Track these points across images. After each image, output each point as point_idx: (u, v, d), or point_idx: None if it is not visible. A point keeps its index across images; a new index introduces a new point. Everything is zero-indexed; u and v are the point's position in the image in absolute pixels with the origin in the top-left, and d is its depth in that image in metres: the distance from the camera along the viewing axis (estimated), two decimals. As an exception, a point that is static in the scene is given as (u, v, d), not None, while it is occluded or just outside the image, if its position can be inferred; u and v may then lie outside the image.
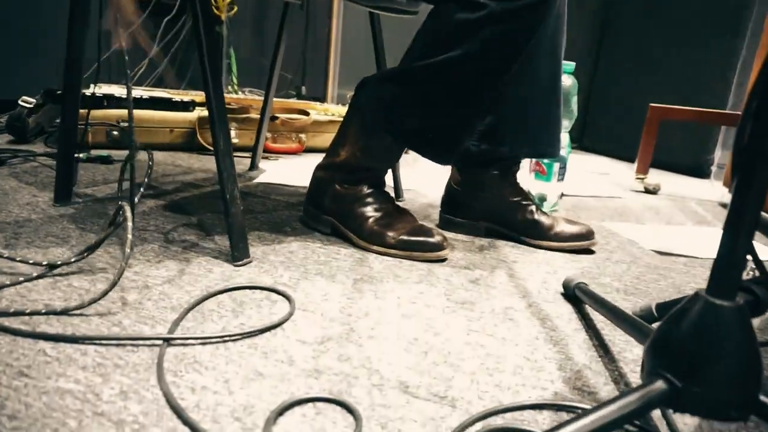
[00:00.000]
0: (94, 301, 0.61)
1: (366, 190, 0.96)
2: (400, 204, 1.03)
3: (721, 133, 2.39)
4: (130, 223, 0.61)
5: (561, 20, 1.00)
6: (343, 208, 0.96)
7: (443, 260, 0.92)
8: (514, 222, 1.07)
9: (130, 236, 0.61)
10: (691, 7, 2.39)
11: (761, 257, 0.42)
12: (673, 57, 2.46)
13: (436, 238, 0.91)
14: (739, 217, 0.38)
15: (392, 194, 1.11)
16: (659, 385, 0.42)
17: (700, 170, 2.39)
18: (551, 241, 1.05)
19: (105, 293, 0.60)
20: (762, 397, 0.41)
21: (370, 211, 0.94)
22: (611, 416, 0.40)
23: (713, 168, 2.39)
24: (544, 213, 1.08)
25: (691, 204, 1.72)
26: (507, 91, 0.97)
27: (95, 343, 0.55)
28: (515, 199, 1.07)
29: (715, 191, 2.02)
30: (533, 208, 1.07)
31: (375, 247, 0.92)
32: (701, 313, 0.41)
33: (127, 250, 0.60)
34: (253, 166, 1.52)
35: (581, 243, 1.05)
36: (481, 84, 0.88)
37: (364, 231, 0.93)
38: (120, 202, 0.65)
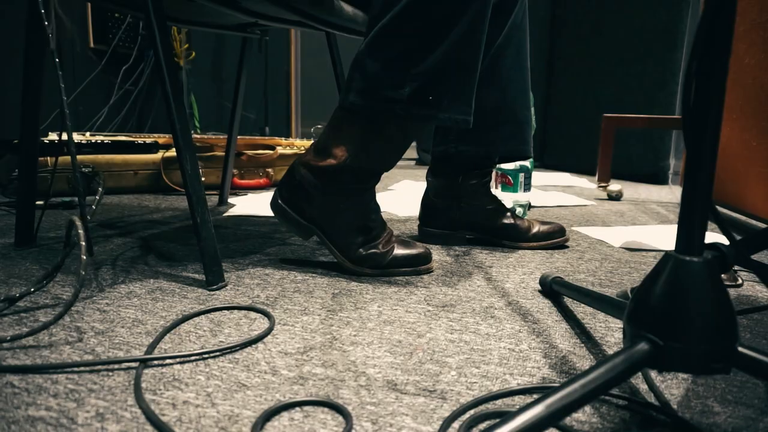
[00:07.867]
0: (61, 316, 0.58)
1: (357, 205, 0.89)
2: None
3: (673, 141, 2.50)
4: (81, 231, 0.59)
5: (523, 28, 1.05)
6: (330, 222, 0.89)
7: (431, 271, 0.92)
8: (494, 227, 1.10)
9: (83, 243, 0.58)
10: (627, 26, 2.53)
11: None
12: (619, 74, 2.58)
13: (423, 250, 0.91)
14: (695, 171, 0.40)
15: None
16: (642, 346, 0.42)
17: (658, 177, 2.49)
18: (531, 241, 1.09)
19: (70, 304, 0.58)
20: (740, 348, 0.42)
21: (357, 229, 0.89)
22: (599, 380, 0.40)
23: (670, 173, 2.49)
24: (519, 217, 1.11)
25: (652, 206, 1.77)
26: (480, 94, 0.96)
27: (66, 371, 0.53)
28: (491, 206, 1.10)
29: (674, 195, 2.09)
30: (509, 213, 1.11)
31: (365, 270, 0.89)
32: (673, 270, 0.42)
33: (83, 257, 0.58)
34: (222, 201, 1.51)
35: (558, 240, 1.11)
36: (461, 11, 0.77)
37: (351, 252, 0.88)
38: (71, 218, 0.63)
